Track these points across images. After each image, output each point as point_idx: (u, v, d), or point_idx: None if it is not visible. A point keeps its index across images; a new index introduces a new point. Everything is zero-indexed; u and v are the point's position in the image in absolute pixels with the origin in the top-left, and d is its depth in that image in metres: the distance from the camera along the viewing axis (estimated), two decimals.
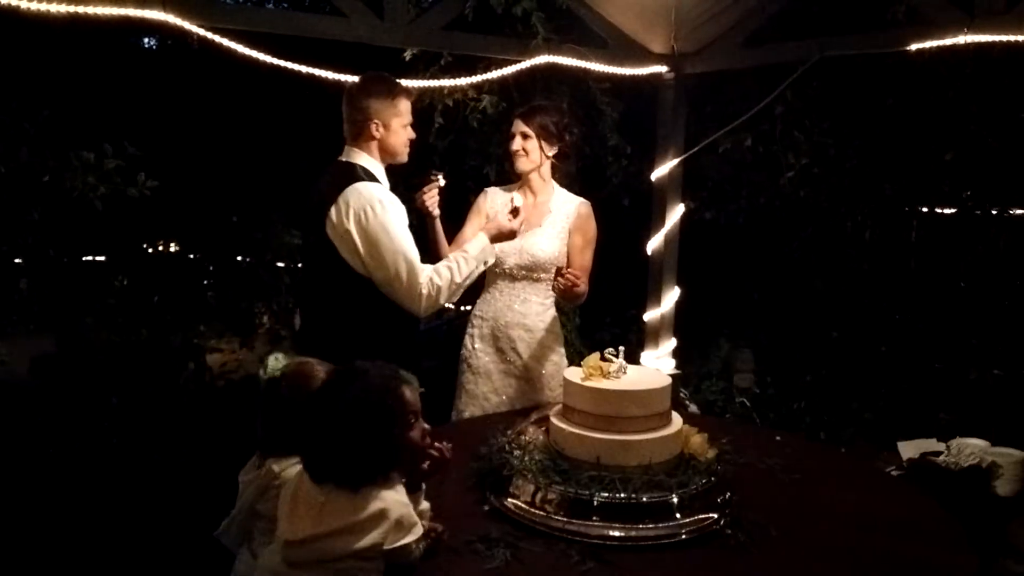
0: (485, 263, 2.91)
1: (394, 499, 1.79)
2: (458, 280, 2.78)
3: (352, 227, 2.63)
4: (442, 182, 3.06)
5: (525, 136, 3.21)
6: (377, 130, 2.78)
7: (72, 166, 3.85)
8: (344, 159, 2.83)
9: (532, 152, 3.22)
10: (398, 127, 2.82)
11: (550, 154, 3.25)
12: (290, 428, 1.94)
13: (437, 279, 2.73)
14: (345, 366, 1.92)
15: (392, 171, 2.95)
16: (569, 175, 3.70)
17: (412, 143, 2.92)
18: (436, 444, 1.94)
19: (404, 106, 2.84)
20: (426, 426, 1.90)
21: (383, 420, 1.80)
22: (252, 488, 2.04)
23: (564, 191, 3.34)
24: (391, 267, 2.65)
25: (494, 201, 3.33)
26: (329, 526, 1.75)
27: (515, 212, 2.99)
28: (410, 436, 1.85)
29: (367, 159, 2.82)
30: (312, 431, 1.83)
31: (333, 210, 2.65)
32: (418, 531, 1.82)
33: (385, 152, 2.84)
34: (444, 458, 1.95)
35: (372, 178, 2.77)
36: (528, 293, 3.26)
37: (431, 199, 3.05)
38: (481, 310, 3.34)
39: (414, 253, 2.71)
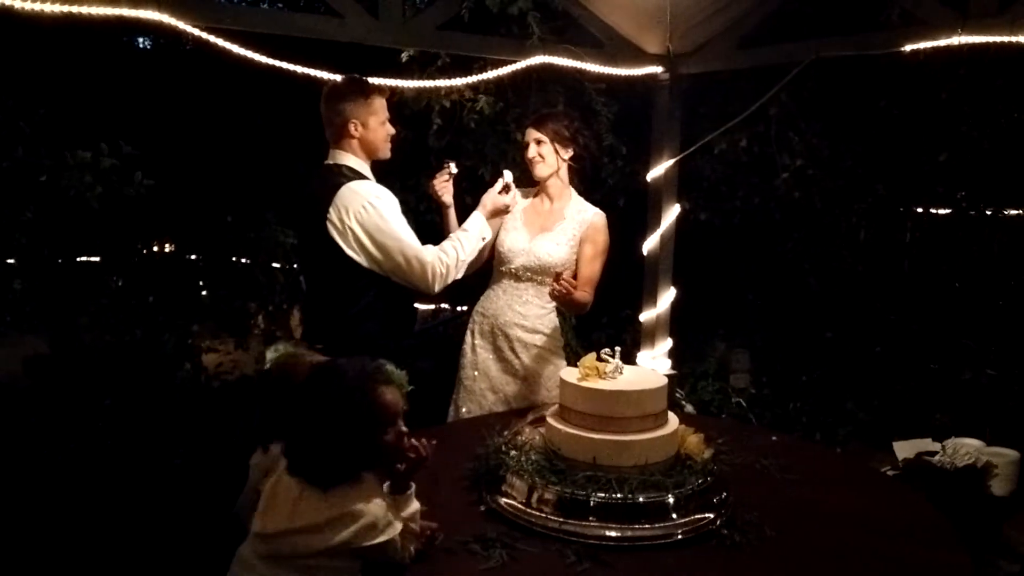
0: (483, 239, 3.05)
1: (367, 501, 1.78)
2: (463, 257, 2.95)
3: (355, 226, 2.75)
4: (454, 170, 3.16)
5: (539, 142, 3.22)
6: (356, 130, 2.88)
7: (68, 165, 3.84)
8: (330, 162, 2.93)
9: (548, 156, 3.22)
10: (376, 125, 2.92)
11: (566, 157, 3.25)
12: (279, 417, 1.97)
13: (445, 257, 2.89)
14: (325, 363, 1.93)
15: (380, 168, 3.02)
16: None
17: (394, 139, 3.01)
18: (415, 442, 1.90)
19: (379, 104, 2.93)
20: (404, 428, 1.87)
21: (356, 422, 1.78)
22: (258, 471, 2.05)
23: (581, 200, 3.34)
24: (398, 256, 2.79)
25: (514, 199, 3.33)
26: (300, 522, 1.75)
27: (506, 189, 3.14)
28: (384, 439, 1.83)
29: (352, 159, 2.91)
30: (289, 427, 1.84)
31: (332, 212, 2.76)
32: (393, 530, 1.80)
33: (367, 150, 2.94)
34: (422, 456, 1.91)
35: (360, 176, 2.87)
36: (530, 295, 3.26)
37: (442, 187, 3.16)
38: (483, 306, 3.35)
39: (414, 239, 2.86)
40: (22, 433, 3.91)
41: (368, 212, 2.75)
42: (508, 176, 3.16)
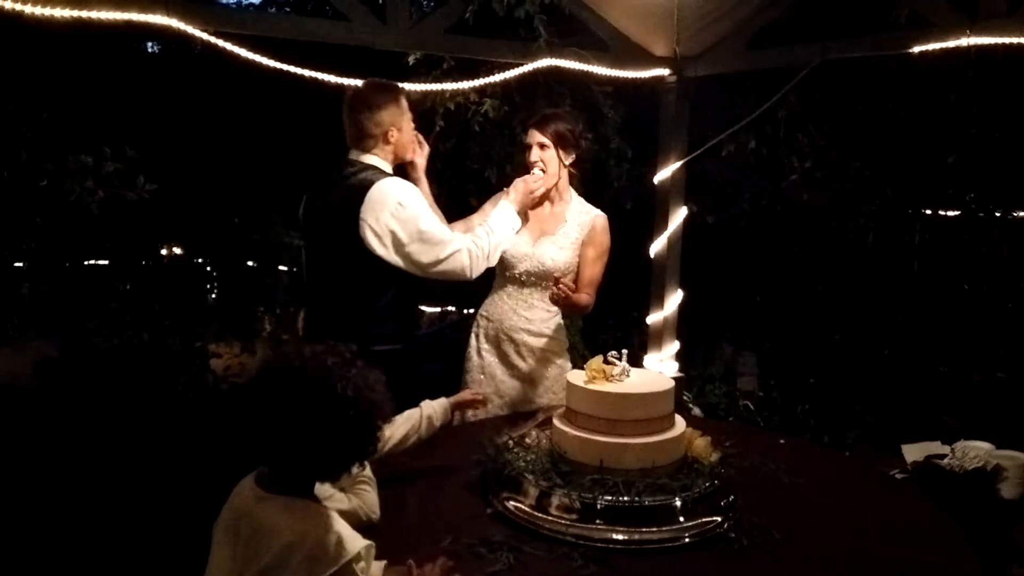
0: (513, 228, 3.07)
1: (317, 520, 1.56)
2: (494, 240, 2.98)
3: (392, 224, 2.75)
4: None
5: (542, 146, 3.18)
6: (393, 135, 2.90)
7: (70, 169, 3.81)
8: (355, 159, 2.91)
9: (551, 164, 3.18)
10: (407, 127, 2.97)
11: (567, 162, 3.23)
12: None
13: (479, 241, 2.92)
14: (323, 346, 1.66)
15: None
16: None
17: None
18: None
19: (406, 104, 2.96)
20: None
21: (368, 412, 1.58)
22: None
23: (581, 201, 3.31)
24: (436, 248, 2.81)
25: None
26: (267, 558, 1.52)
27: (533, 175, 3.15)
28: (379, 436, 1.66)
29: (377, 159, 2.91)
30: (277, 417, 1.55)
31: (366, 211, 2.74)
32: (349, 552, 1.54)
33: (398, 152, 2.96)
34: None
35: (384, 173, 2.88)
36: (535, 299, 3.25)
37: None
38: (487, 311, 3.34)
39: (447, 230, 2.90)
40: (32, 436, 3.92)
41: (403, 209, 2.76)
42: (539, 173, 3.17)
